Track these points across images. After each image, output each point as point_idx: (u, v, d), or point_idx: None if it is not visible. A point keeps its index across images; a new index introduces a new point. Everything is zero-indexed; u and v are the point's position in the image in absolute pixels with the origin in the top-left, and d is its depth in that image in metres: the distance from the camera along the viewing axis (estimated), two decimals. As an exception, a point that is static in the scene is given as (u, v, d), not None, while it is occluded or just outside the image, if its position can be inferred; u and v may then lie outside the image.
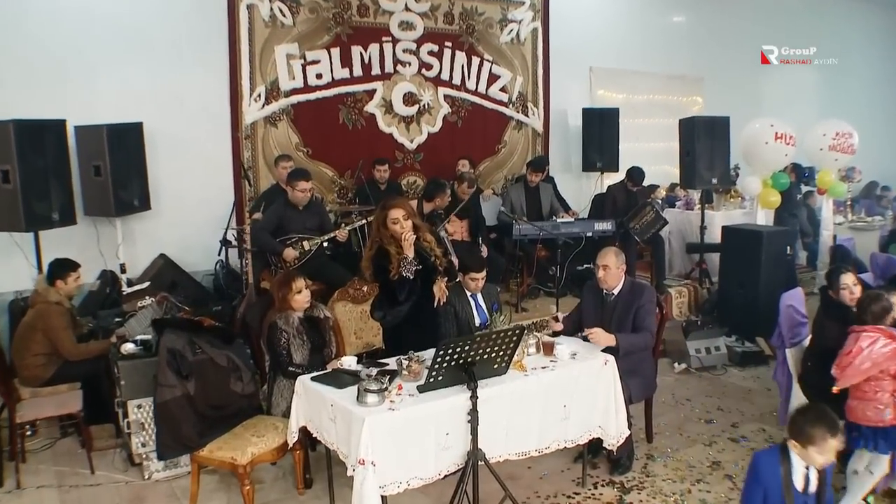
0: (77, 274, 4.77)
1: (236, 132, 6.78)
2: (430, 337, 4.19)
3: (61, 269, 4.71)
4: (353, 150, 7.37)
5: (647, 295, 4.23)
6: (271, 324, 4.04)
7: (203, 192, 6.57)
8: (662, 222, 7.08)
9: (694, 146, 7.36)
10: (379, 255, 3.92)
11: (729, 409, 5.20)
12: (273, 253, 5.30)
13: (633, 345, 4.08)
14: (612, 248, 4.32)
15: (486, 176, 8.45)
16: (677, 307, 7.26)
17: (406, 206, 3.93)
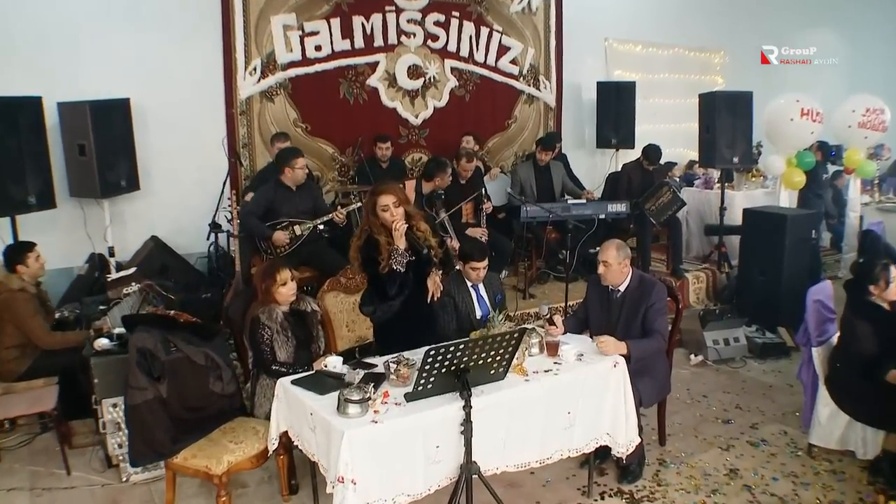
0: (35, 253, 4.51)
1: (230, 108, 6.46)
2: (426, 333, 3.90)
3: (17, 253, 4.46)
4: (354, 125, 7.03)
5: (657, 293, 3.87)
6: (253, 318, 3.75)
7: (197, 172, 6.26)
8: (680, 204, 6.70)
9: (714, 123, 6.94)
10: (367, 245, 3.61)
11: (748, 407, 4.87)
12: (262, 238, 4.99)
13: (645, 351, 3.75)
14: (614, 241, 3.96)
15: (496, 153, 8.09)
16: (694, 293, 6.90)
17: (397, 192, 3.60)
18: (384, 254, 3.56)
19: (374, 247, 3.59)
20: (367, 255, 3.60)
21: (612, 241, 3.95)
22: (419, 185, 5.73)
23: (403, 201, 3.59)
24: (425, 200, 5.69)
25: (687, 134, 8.64)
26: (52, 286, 5.79)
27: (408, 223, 3.62)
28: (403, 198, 3.61)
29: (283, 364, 3.70)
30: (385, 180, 4.25)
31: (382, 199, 3.56)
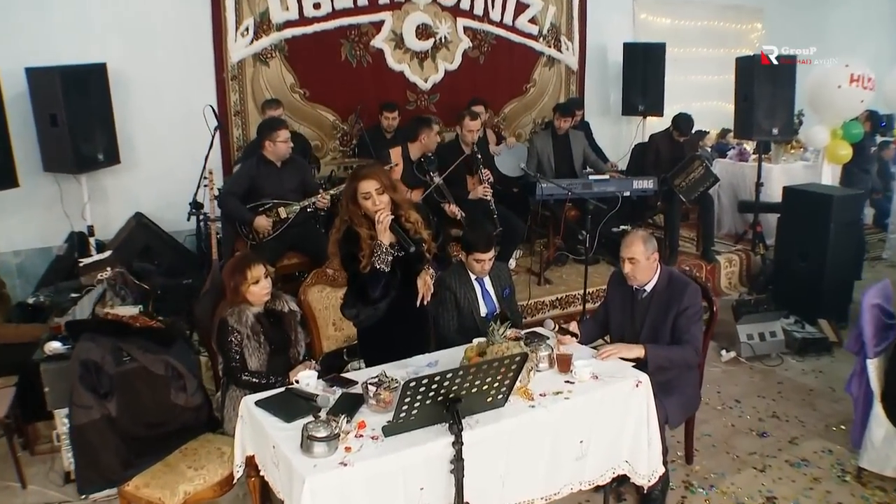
0: None
1: (221, 73, 5.93)
2: (418, 339, 3.44)
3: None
4: (357, 91, 6.48)
5: (690, 296, 3.33)
6: (221, 321, 3.28)
7: (185, 142, 5.71)
8: (713, 180, 6.08)
9: (752, 90, 6.27)
10: (347, 240, 3.10)
11: (786, 416, 4.34)
12: (242, 222, 4.49)
13: (669, 360, 3.24)
14: (639, 233, 3.41)
15: (512, 120, 7.51)
16: (726, 278, 6.33)
17: (381, 176, 3.07)
18: (366, 250, 3.05)
19: (354, 241, 3.08)
20: (347, 250, 3.10)
21: (637, 234, 3.40)
22: (405, 151, 5.17)
23: (388, 187, 3.07)
24: (416, 167, 5.12)
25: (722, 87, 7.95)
26: (29, 267, 5.43)
27: (394, 213, 3.11)
28: (389, 183, 3.08)
29: (254, 373, 3.24)
30: (368, 163, 3.68)
31: (363, 186, 3.03)
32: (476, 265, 3.81)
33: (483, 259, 3.78)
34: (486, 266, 3.82)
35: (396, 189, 3.11)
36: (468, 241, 3.82)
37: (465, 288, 3.86)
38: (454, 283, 3.84)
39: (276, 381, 3.24)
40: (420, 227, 3.17)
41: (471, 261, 3.81)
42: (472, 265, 3.83)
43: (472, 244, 3.79)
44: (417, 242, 3.15)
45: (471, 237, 3.83)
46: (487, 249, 3.77)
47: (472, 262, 3.81)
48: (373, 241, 3.04)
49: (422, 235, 3.18)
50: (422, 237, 3.17)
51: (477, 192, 5.22)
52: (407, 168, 5.02)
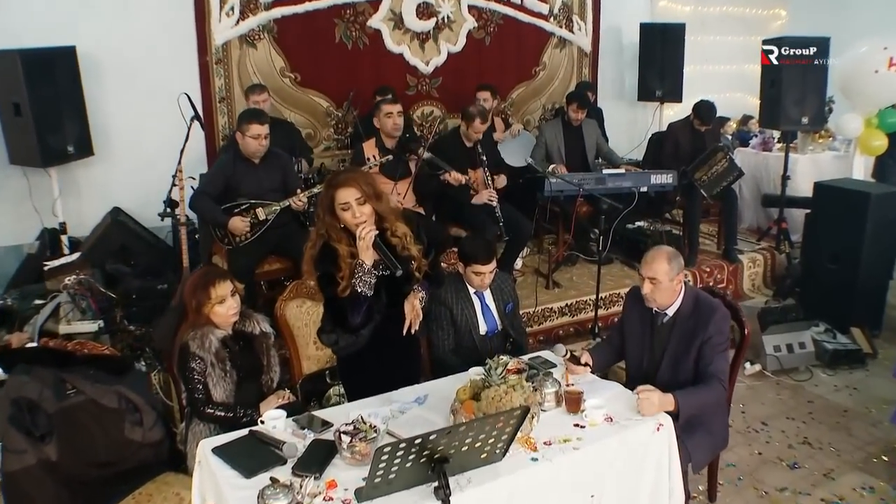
0: None
1: (204, 56, 5.48)
2: (408, 365, 3.01)
3: None
4: (352, 74, 6.01)
5: (718, 322, 2.89)
6: (182, 346, 2.87)
7: (166, 132, 5.16)
8: (737, 174, 5.62)
9: (780, 76, 5.78)
10: (324, 257, 2.68)
11: (819, 442, 3.91)
12: (215, 224, 4.07)
13: (700, 406, 2.81)
14: (665, 249, 2.97)
15: (520, 105, 7.03)
16: (749, 279, 5.88)
17: (362, 183, 2.63)
18: (345, 270, 2.63)
19: (331, 259, 2.65)
20: (324, 270, 2.67)
21: (662, 251, 2.96)
22: (380, 141, 4.63)
23: (371, 196, 2.63)
24: (397, 146, 4.62)
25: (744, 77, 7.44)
26: (0, 267, 5.05)
27: (379, 227, 2.69)
28: (371, 191, 2.64)
29: (219, 406, 2.85)
30: (347, 168, 3.21)
31: (341, 195, 2.60)
32: (475, 278, 3.40)
33: (483, 272, 3.37)
34: (486, 279, 3.40)
35: (381, 198, 2.67)
36: (466, 252, 3.40)
37: (462, 303, 3.45)
38: (450, 298, 3.43)
39: (244, 416, 2.86)
40: (408, 243, 2.74)
41: (469, 273, 3.40)
42: (470, 278, 3.42)
43: (470, 255, 3.37)
44: (405, 261, 2.73)
45: (469, 247, 3.41)
46: (488, 261, 3.36)
47: (470, 274, 3.40)
48: (353, 260, 2.62)
49: (410, 252, 2.75)
50: (410, 254, 2.74)
51: (482, 196, 4.78)
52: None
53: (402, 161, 4.49)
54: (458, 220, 4.92)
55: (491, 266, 3.38)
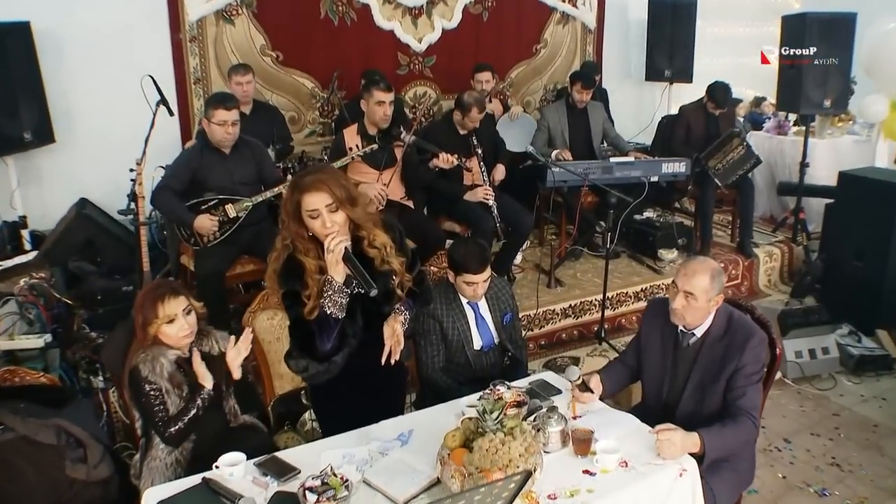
0: None
1: (177, 33, 5.03)
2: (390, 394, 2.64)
3: None
4: (339, 53, 5.57)
5: (754, 348, 2.50)
6: (132, 370, 2.49)
7: (137, 115, 4.74)
8: (754, 161, 5.22)
9: (802, 55, 5.34)
10: (289, 272, 2.28)
11: (849, 463, 3.54)
12: (180, 223, 3.66)
13: (730, 448, 2.43)
14: (710, 264, 2.55)
15: (520, 86, 6.58)
16: (765, 275, 5.48)
17: (334, 187, 2.20)
18: (313, 288, 2.24)
19: (297, 275, 2.26)
20: (289, 288, 2.28)
21: (706, 264, 2.54)
22: (362, 127, 4.14)
23: (345, 201, 2.22)
24: (379, 140, 4.10)
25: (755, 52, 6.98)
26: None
27: (354, 236, 2.30)
28: (345, 195, 2.22)
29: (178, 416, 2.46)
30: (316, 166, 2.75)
31: (309, 200, 2.19)
32: (467, 288, 3.01)
33: (475, 281, 2.98)
34: (479, 289, 3.01)
35: (356, 203, 2.26)
36: (455, 259, 3.00)
37: (453, 315, 3.06)
38: (440, 310, 3.05)
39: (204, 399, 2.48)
40: (389, 254, 2.33)
41: (460, 283, 3.01)
42: (461, 288, 3.03)
43: (460, 263, 2.97)
44: (385, 277, 2.33)
45: (459, 253, 3.00)
46: (480, 270, 2.96)
47: (461, 284, 3.01)
48: (322, 277, 2.23)
49: (391, 265, 2.35)
50: (391, 268, 2.35)
51: (476, 194, 4.37)
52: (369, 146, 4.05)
53: (386, 149, 4.06)
54: (451, 212, 4.52)
55: (484, 275, 2.99)
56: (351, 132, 4.08)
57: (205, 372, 2.52)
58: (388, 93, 4.02)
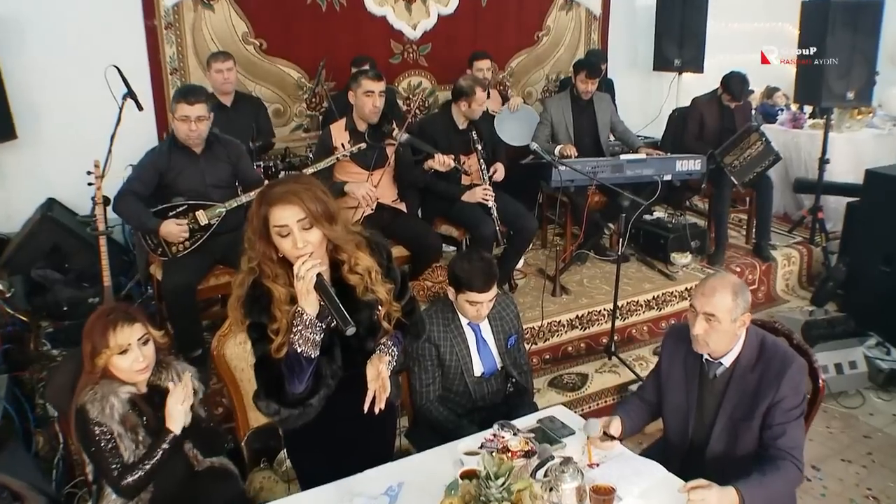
0: None
1: (151, 19, 4.66)
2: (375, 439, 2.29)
3: None
4: (327, 41, 5.20)
5: (793, 378, 2.17)
6: (79, 409, 2.15)
7: (109, 109, 4.48)
8: (773, 158, 4.88)
9: (824, 43, 4.97)
10: (254, 301, 1.93)
11: (886, 495, 3.22)
12: (144, 231, 3.29)
13: (772, 500, 2.09)
14: (729, 279, 2.21)
15: (520, 76, 6.22)
16: (783, 279, 5.14)
17: (307, 200, 1.83)
18: (281, 320, 1.88)
19: (263, 305, 1.91)
20: (255, 320, 1.93)
21: (725, 280, 2.20)
22: (351, 122, 3.74)
23: (321, 216, 1.85)
24: (369, 136, 3.69)
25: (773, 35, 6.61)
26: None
27: (332, 259, 1.96)
28: (322, 210, 1.85)
29: (137, 465, 2.12)
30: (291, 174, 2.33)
31: (279, 214, 1.83)
32: (469, 308, 2.66)
33: (479, 301, 2.63)
34: (482, 310, 2.67)
35: (335, 219, 1.89)
36: (458, 275, 2.65)
37: (452, 338, 2.72)
38: (436, 332, 2.71)
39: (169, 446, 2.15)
40: (374, 281, 1.97)
41: (462, 301, 2.66)
42: (463, 307, 2.68)
43: (463, 279, 2.62)
44: (368, 307, 1.98)
45: (462, 268, 2.64)
46: (486, 288, 2.61)
47: (463, 303, 2.66)
48: (292, 308, 1.87)
49: (376, 293, 1.99)
50: (377, 296, 1.99)
51: (475, 195, 3.99)
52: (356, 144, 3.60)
53: (377, 147, 3.69)
54: (447, 215, 4.16)
55: (490, 294, 2.64)
56: (338, 128, 3.70)
57: (178, 413, 2.18)
58: (378, 82, 3.64)
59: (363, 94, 3.63)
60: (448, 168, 3.76)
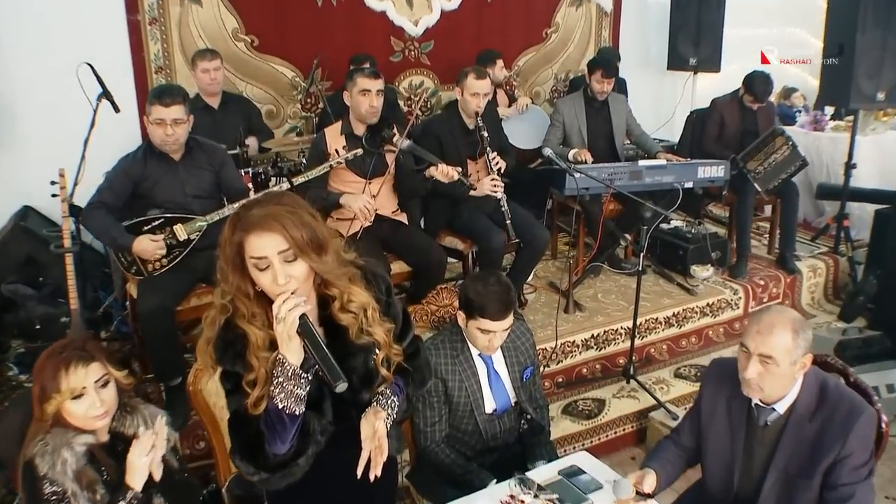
0: None
1: (134, 14, 4.34)
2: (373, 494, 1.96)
3: None
4: (324, 37, 4.88)
5: (862, 429, 1.87)
6: (27, 462, 1.84)
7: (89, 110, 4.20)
8: (799, 164, 4.57)
9: (853, 39, 4.64)
10: (226, 346, 1.61)
11: (941, 541, 2.92)
12: (116, 247, 2.96)
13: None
14: (788, 314, 1.91)
15: (528, 75, 5.91)
16: (808, 293, 4.82)
17: (290, 226, 1.51)
18: (259, 369, 1.57)
19: (236, 350, 1.60)
20: (228, 366, 1.62)
21: (784, 315, 1.91)
22: (347, 126, 3.40)
23: (307, 246, 1.53)
24: (367, 141, 3.36)
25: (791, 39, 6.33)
26: None
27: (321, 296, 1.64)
28: (308, 236, 1.53)
29: None
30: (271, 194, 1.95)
31: (256, 243, 1.51)
32: (481, 337, 2.35)
33: (493, 330, 2.32)
34: (496, 340, 2.36)
35: (325, 248, 1.58)
36: (470, 298, 2.33)
37: (461, 371, 2.41)
38: (444, 364, 2.40)
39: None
40: (370, 321, 1.65)
41: (473, 329, 2.35)
42: (474, 335, 2.37)
43: (476, 304, 2.31)
44: (363, 352, 1.67)
45: (476, 292, 2.32)
46: (502, 315, 2.30)
47: (474, 330, 2.35)
48: (272, 355, 1.56)
49: (373, 334, 1.67)
50: (374, 339, 1.68)
51: (483, 186, 3.66)
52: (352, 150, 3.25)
53: (376, 153, 3.37)
54: (452, 224, 3.84)
55: (506, 322, 2.33)
56: (333, 132, 3.38)
57: (140, 466, 1.87)
58: (375, 80, 3.32)
59: (359, 93, 3.31)
60: (451, 180, 3.43)
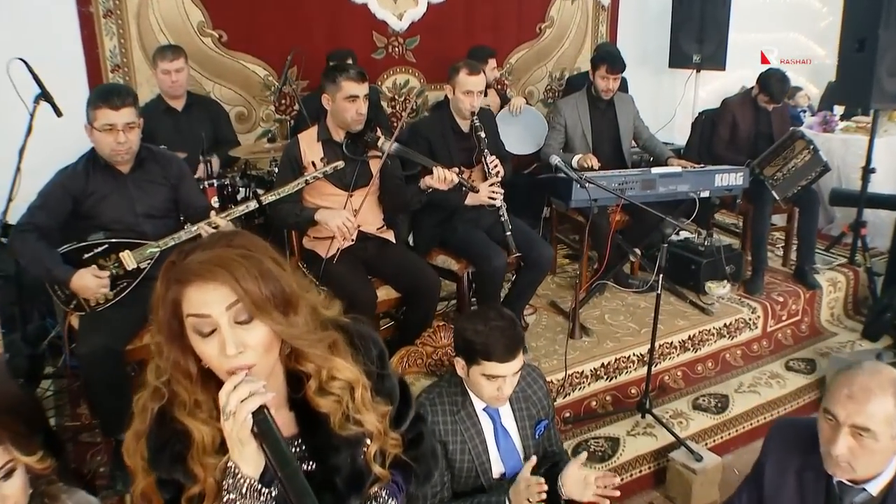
0: None
1: (86, 5, 3.88)
2: None
3: None
4: (299, 32, 4.44)
5: None
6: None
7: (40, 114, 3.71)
8: (821, 169, 4.20)
9: (876, 34, 4.29)
10: (161, 446, 1.19)
11: None
12: (51, 280, 2.50)
13: None
14: (887, 373, 1.51)
15: (521, 73, 5.51)
16: (828, 308, 4.45)
17: (241, 275, 1.09)
18: (205, 479, 1.14)
19: (173, 451, 1.17)
20: (164, 474, 1.19)
21: (882, 375, 1.52)
22: (324, 131, 2.95)
23: (265, 302, 1.11)
24: (347, 148, 2.92)
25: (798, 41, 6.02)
26: None
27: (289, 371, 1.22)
28: (269, 290, 1.11)
29: None
30: (219, 234, 1.46)
31: (195, 297, 1.10)
32: (487, 386, 1.94)
33: (501, 375, 1.91)
34: (505, 388, 1.95)
35: (292, 304, 1.16)
36: (471, 340, 1.92)
37: (463, 430, 2.00)
38: (442, 423, 1.98)
39: None
40: (359, 404, 1.23)
41: (477, 377, 1.94)
42: (478, 385, 1.96)
43: (480, 346, 1.90)
44: (349, 447, 1.25)
45: (476, 332, 1.92)
46: (510, 357, 1.90)
47: (479, 378, 1.94)
48: (222, 461, 1.13)
49: (362, 422, 1.24)
50: (363, 428, 1.25)
51: (482, 194, 3.22)
52: (331, 159, 2.82)
53: (359, 161, 2.94)
54: (444, 242, 3.41)
55: (515, 365, 1.93)
56: (308, 139, 2.93)
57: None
58: (362, 84, 2.87)
59: (344, 100, 2.85)
60: (450, 185, 3.00)
